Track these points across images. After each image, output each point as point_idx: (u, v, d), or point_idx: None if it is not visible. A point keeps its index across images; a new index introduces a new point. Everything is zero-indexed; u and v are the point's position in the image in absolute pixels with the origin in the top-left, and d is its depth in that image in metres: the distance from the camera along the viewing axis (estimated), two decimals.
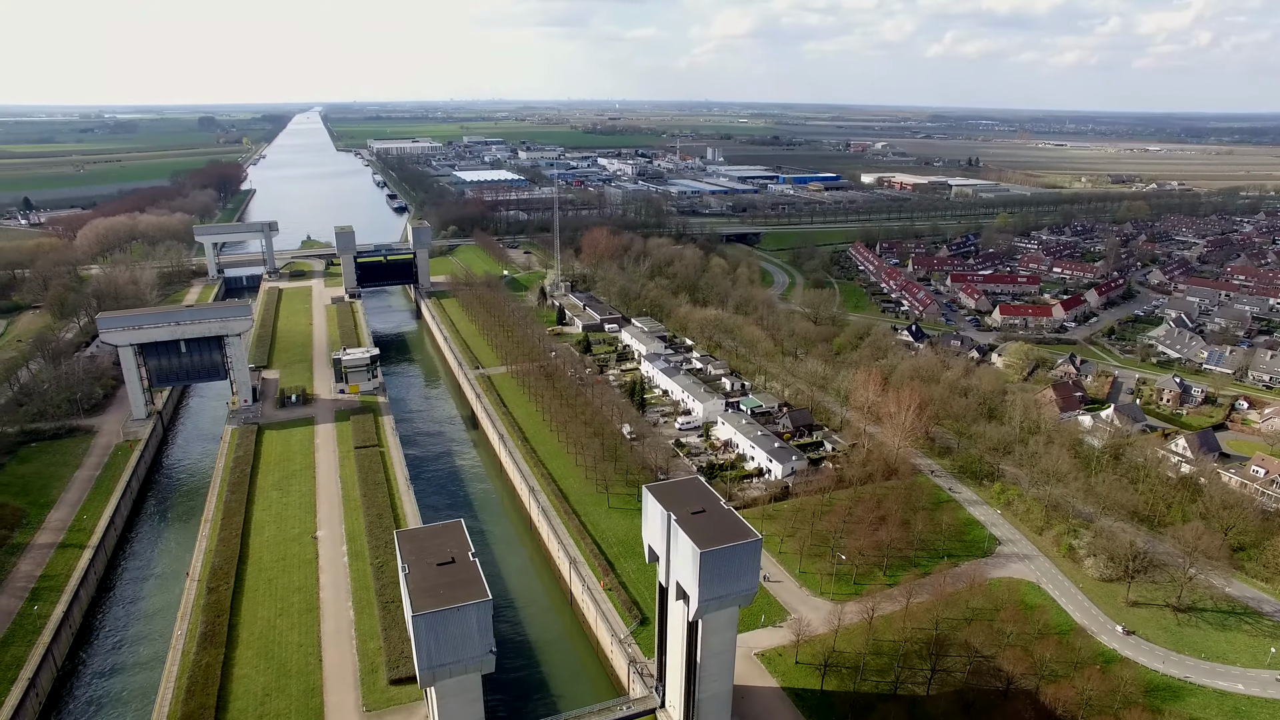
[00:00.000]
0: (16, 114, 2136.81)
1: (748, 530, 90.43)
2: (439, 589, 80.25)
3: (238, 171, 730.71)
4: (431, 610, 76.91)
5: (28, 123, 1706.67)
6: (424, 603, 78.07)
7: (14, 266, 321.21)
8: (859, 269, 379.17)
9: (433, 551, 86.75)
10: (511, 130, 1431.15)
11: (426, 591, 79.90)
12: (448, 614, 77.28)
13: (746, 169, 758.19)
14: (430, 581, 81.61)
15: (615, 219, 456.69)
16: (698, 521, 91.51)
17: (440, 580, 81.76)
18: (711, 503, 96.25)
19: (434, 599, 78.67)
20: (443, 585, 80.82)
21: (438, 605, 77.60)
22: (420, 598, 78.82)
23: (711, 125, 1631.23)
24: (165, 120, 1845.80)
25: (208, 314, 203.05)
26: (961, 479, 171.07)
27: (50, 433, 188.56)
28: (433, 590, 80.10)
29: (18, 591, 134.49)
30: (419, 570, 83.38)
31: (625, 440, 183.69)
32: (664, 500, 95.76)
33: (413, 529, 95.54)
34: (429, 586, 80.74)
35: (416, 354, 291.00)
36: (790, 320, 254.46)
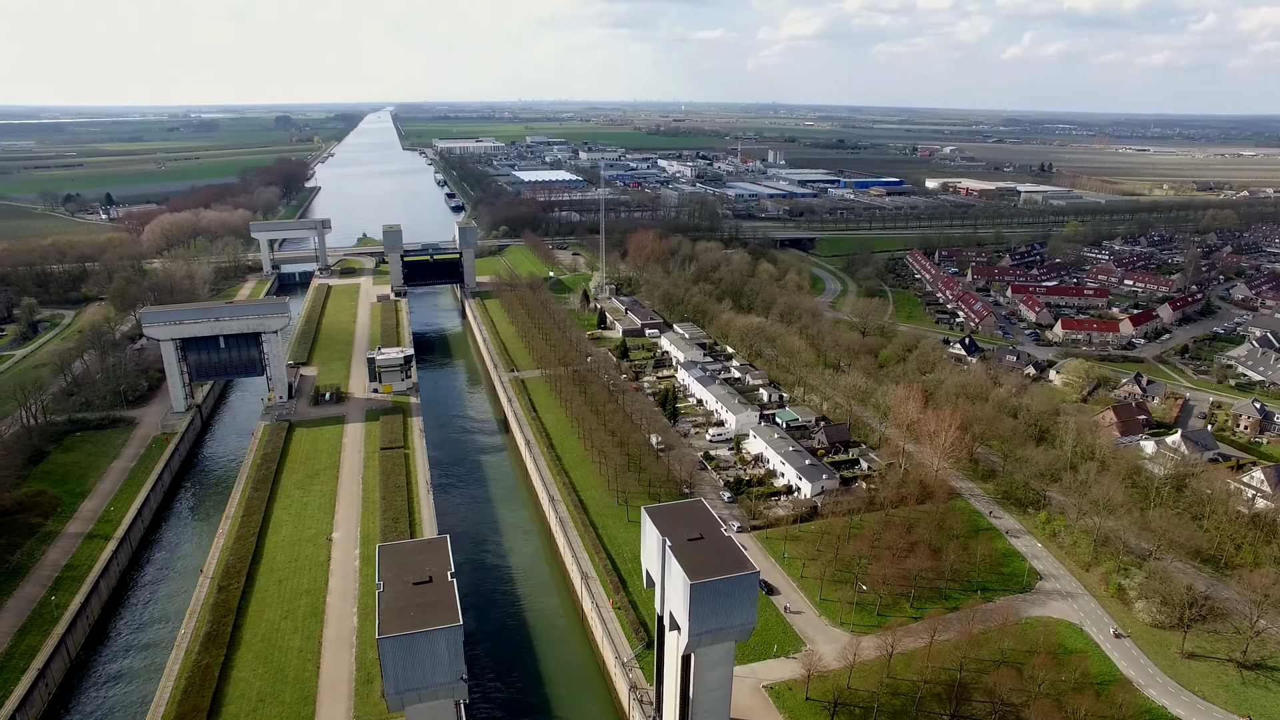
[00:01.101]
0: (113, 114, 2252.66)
1: (745, 561, 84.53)
2: (411, 610, 76.81)
3: (303, 169, 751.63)
4: (399, 633, 73.42)
5: (122, 122, 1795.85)
6: (393, 624, 74.72)
7: (85, 259, 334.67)
8: (915, 277, 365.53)
9: (413, 569, 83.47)
10: (575, 131, 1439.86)
11: (398, 612, 76.57)
12: (416, 638, 73.76)
13: (807, 173, 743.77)
14: (404, 601, 78.27)
15: (667, 221, 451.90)
16: (693, 549, 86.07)
17: (414, 600, 78.34)
18: (711, 529, 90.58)
19: (404, 620, 75.25)
20: (415, 606, 77.36)
21: (406, 628, 74.16)
22: (390, 618, 75.51)
23: (776, 128, 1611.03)
24: (245, 119, 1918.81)
25: (246, 311, 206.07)
26: (1004, 505, 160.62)
27: (95, 423, 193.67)
28: (404, 611, 76.71)
29: (43, 580, 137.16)
30: (394, 588, 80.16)
31: (653, 451, 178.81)
32: (661, 524, 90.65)
33: (396, 543, 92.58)
34: (401, 607, 77.40)
35: (458, 354, 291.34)
36: (835, 330, 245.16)
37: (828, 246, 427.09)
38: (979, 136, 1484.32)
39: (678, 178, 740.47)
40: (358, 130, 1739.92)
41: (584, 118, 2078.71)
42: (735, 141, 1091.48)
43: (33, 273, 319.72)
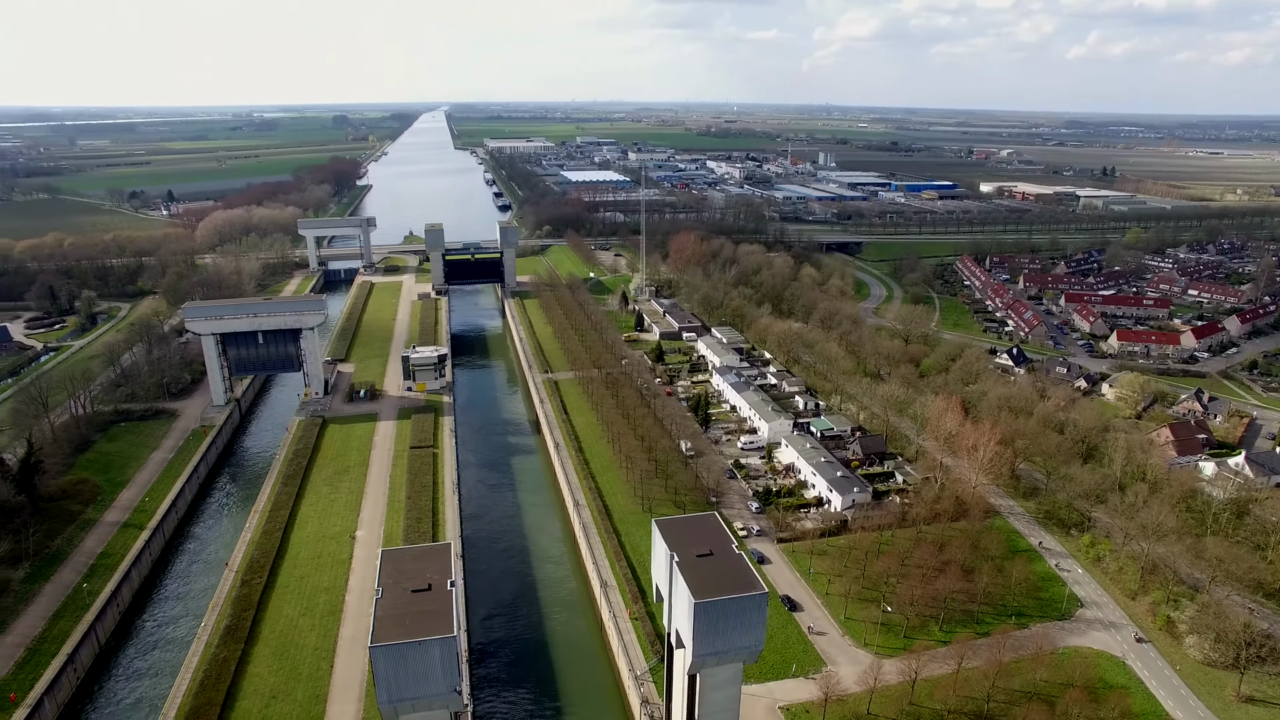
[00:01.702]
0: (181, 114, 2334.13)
1: (754, 581, 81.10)
2: (406, 618, 75.36)
3: (355, 168, 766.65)
4: (391, 642, 72.01)
5: (190, 122, 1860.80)
6: (386, 633, 73.35)
7: (143, 254, 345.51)
8: (964, 284, 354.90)
9: (413, 575, 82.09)
10: (626, 131, 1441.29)
11: (393, 620, 75.20)
12: (408, 647, 72.20)
13: (858, 175, 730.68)
14: (400, 609, 76.88)
15: (712, 223, 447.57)
16: (702, 565, 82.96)
17: (411, 609, 76.90)
18: (722, 544, 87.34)
19: (398, 629, 73.82)
20: (412, 615, 75.90)
21: (399, 637, 72.68)
22: (384, 627, 74.18)
23: (829, 129, 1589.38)
24: (304, 119, 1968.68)
25: (283, 307, 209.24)
26: (1046, 526, 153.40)
27: (139, 414, 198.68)
28: (400, 619, 75.29)
29: (79, 567, 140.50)
30: (392, 595, 78.87)
31: (682, 457, 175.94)
32: (671, 537, 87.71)
33: (399, 549, 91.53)
34: (397, 615, 76.02)
35: (498, 354, 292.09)
36: (875, 337, 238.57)
37: (875, 251, 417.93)
38: (1038, 139, 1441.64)
39: (726, 179, 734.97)
40: (412, 130, 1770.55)
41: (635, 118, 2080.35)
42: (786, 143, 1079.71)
43: (94, 266, 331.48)
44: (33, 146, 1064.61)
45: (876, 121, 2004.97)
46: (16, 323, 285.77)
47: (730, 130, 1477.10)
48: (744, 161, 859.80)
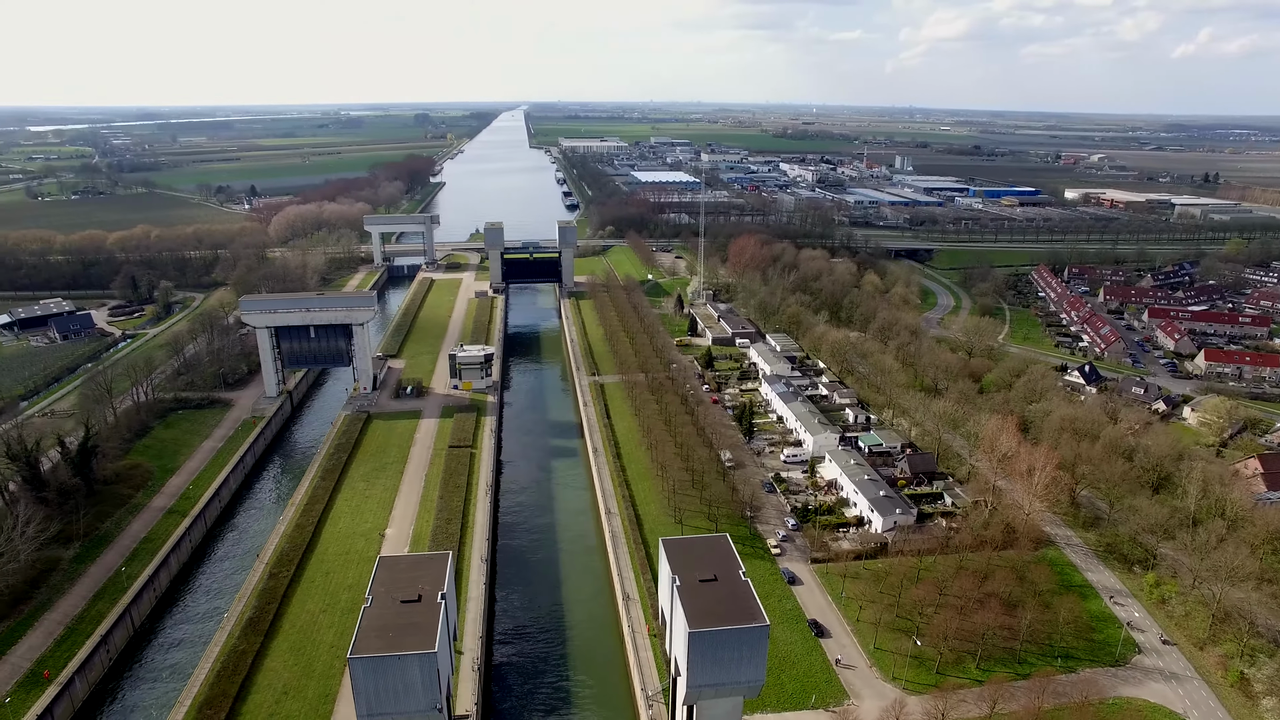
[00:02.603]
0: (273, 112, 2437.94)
1: (756, 612, 76.50)
2: (391, 630, 73.79)
3: (429, 165, 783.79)
4: (370, 655, 70.37)
5: (281, 119, 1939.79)
6: (367, 644, 71.84)
7: (218, 246, 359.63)
8: (1038, 295, 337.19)
9: (406, 585, 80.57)
10: (702, 132, 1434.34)
11: (377, 631, 73.75)
12: (387, 661, 70.60)
13: (935, 180, 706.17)
14: (386, 620, 75.38)
15: (777, 227, 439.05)
16: (703, 592, 78.88)
17: (397, 620, 75.30)
18: (729, 570, 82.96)
19: (380, 641, 72.28)
20: (396, 627, 74.28)
21: (380, 650, 71.02)
22: (366, 637, 72.76)
23: (909, 132, 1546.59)
24: (388, 117, 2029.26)
25: (335, 303, 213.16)
26: (1106, 560, 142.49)
27: (195, 402, 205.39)
28: (384, 631, 73.78)
29: (123, 550, 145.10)
30: (381, 605, 77.47)
31: (721, 468, 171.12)
32: (676, 559, 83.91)
33: (397, 555, 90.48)
34: (382, 625, 74.54)
35: (552, 354, 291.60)
36: (933, 349, 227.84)
37: (946, 259, 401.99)
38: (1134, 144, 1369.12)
39: (798, 182, 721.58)
40: (490, 128, 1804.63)
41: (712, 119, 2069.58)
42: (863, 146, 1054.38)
43: (173, 258, 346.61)
44: (139, 143, 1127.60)
45: (960, 125, 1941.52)
46: (101, 310, 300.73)
47: (807, 132, 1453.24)
48: (818, 164, 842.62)
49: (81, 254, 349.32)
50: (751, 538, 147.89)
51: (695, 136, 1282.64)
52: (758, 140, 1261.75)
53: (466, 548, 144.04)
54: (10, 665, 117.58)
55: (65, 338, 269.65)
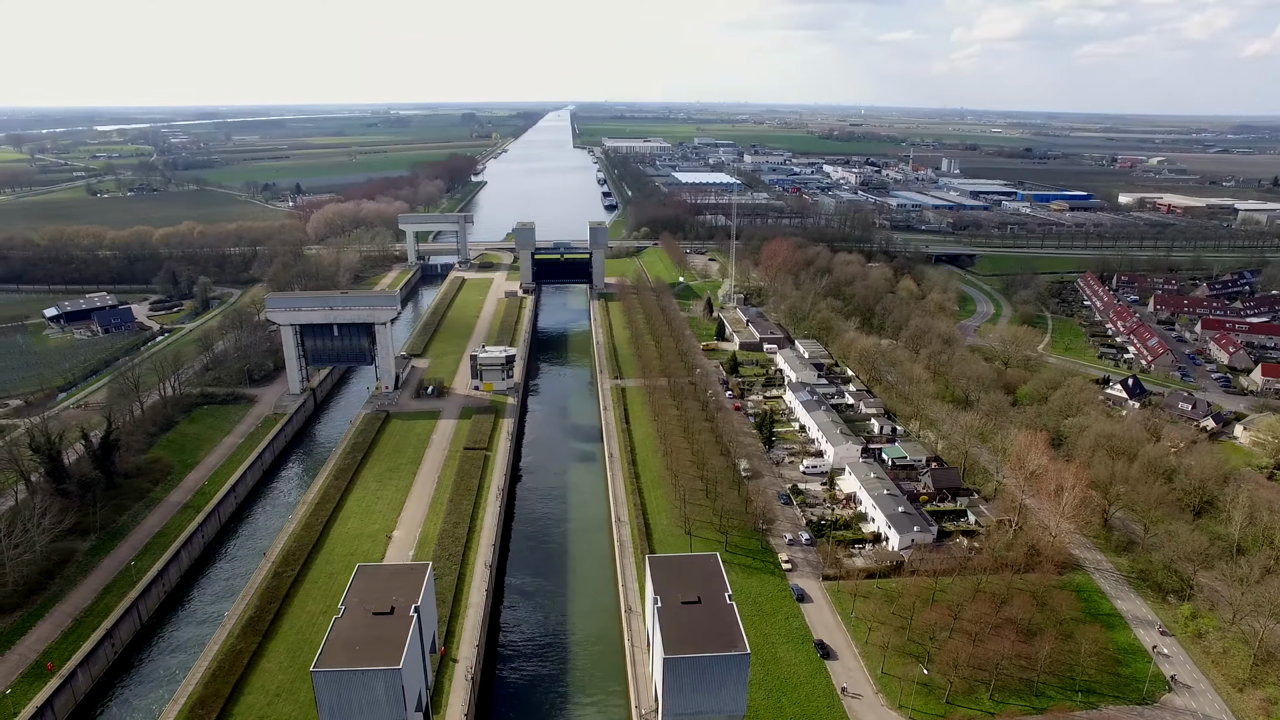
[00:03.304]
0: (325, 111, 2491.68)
1: (737, 639, 72.77)
2: (358, 643, 71.81)
3: (470, 164, 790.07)
4: (332, 669, 68.46)
5: (333, 118, 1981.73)
6: (332, 657, 69.98)
7: (257, 243, 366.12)
8: (1083, 304, 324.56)
9: (381, 596, 78.65)
10: (747, 134, 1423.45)
11: (344, 643, 71.91)
12: (351, 675, 68.68)
13: (982, 183, 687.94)
14: (356, 633, 73.49)
15: (814, 230, 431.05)
16: (684, 615, 75.43)
17: (367, 633, 73.34)
18: (714, 592, 79.33)
19: (346, 654, 70.31)
20: (364, 640, 72.28)
21: (344, 663, 69.07)
22: (332, 650, 70.92)
23: (958, 134, 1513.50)
24: (436, 116, 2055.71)
25: (357, 301, 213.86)
26: (1138, 588, 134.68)
27: (220, 398, 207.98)
28: (351, 643, 71.86)
29: (136, 544, 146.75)
30: (353, 616, 75.67)
31: (737, 478, 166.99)
32: (661, 578, 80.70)
33: (375, 565, 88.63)
34: (350, 638, 72.68)
35: (580, 356, 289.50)
36: (966, 359, 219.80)
37: (988, 264, 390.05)
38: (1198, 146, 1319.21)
39: (841, 184, 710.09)
40: (536, 128, 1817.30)
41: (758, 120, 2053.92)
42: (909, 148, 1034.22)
43: (214, 254, 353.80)
44: (195, 141, 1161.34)
45: (1012, 126, 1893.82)
46: (142, 305, 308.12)
47: (854, 134, 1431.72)
48: (862, 167, 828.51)
49: (128, 249, 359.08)
50: (763, 551, 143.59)
51: (740, 138, 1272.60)
52: (803, 142, 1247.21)
53: (471, 553, 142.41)
54: (18, 656, 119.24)
55: (107, 331, 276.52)
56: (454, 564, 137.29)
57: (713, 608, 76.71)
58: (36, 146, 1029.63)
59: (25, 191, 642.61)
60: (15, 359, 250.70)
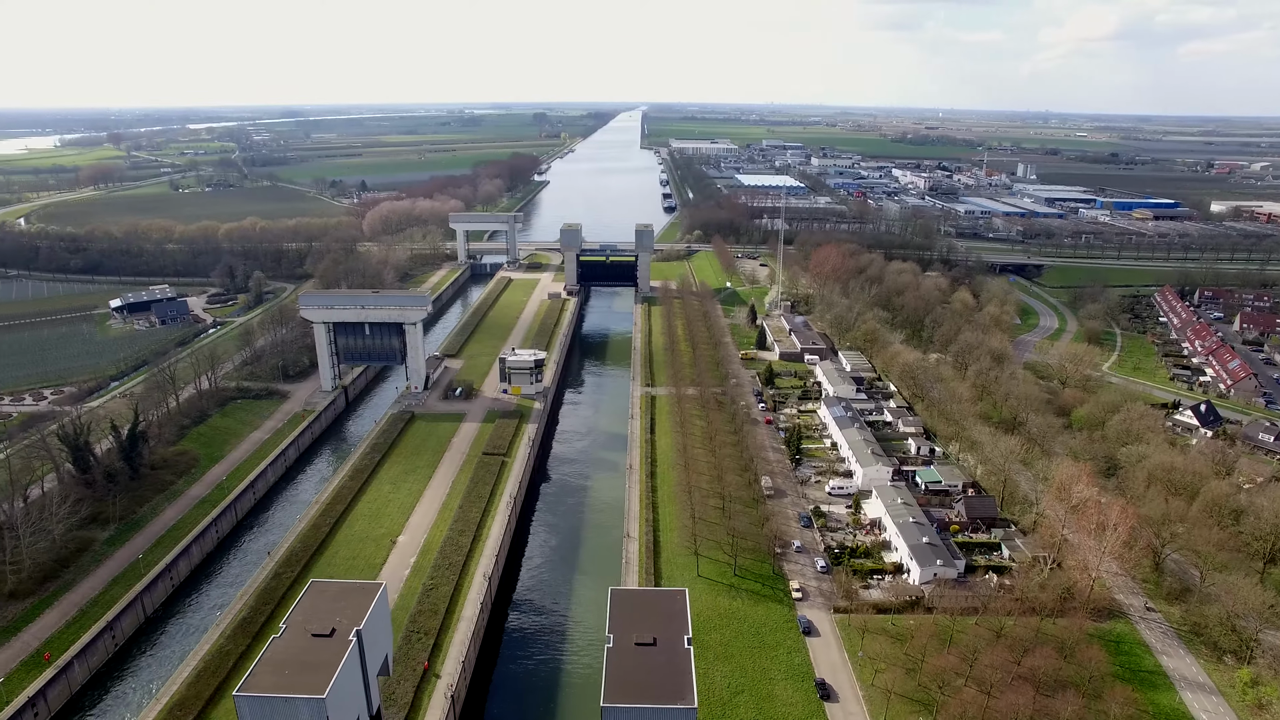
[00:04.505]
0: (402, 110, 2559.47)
1: (685, 690, 66.65)
2: (289, 667, 68.48)
3: (533, 164, 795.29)
4: (255, 694, 65.24)
5: (408, 117, 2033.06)
6: (259, 680, 66.83)
7: (312, 239, 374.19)
8: (1159, 321, 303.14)
9: (327, 615, 75.33)
10: (818, 136, 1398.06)
11: (275, 666, 68.69)
12: (274, 702, 65.31)
13: (1059, 190, 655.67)
14: (290, 655, 70.26)
15: (873, 236, 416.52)
16: (634, 658, 69.72)
17: (301, 656, 70.01)
18: (674, 634, 73.24)
19: (273, 679, 67.02)
20: (296, 664, 68.92)
21: (268, 689, 65.79)
22: (261, 673, 67.80)
23: (1039, 138, 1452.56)
24: (509, 116, 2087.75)
25: (388, 301, 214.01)
26: (1190, 644, 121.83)
27: (254, 392, 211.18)
28: (282, 666, 68.59)
29: (152, 536, 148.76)
30: (291, 636, 72.55)
31: (758, 495, 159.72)
32: (619, 615, 75.21)
33: (329, 581, 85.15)
34: (283, 660, 69.48)
35: (618, 360, 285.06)
36: (1016, 377, 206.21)
37: (1057, 276, 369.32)
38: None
39: (908, 189, 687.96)
40: (606, 128, 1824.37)
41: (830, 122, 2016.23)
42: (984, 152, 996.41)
43: (271, 249, 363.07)
44: (276, 139, 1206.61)
45: (1100, 130, 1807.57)
46: (200, 297, 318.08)
47: (928, 137, 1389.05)
48: (933, 171, 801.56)
49: (192, 243, 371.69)
50: (774, 577, 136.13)
51: (810, 140, 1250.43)
52: (874, 145, 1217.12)
53: (472, 564, 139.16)
54: (20, 644, 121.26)
55: (164, 323, 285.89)
56: (452, 574, 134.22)
57: (668, 652, 70.70)
58: (133, 144, 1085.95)
59: (116, 187, 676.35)
60: (79, 347, 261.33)
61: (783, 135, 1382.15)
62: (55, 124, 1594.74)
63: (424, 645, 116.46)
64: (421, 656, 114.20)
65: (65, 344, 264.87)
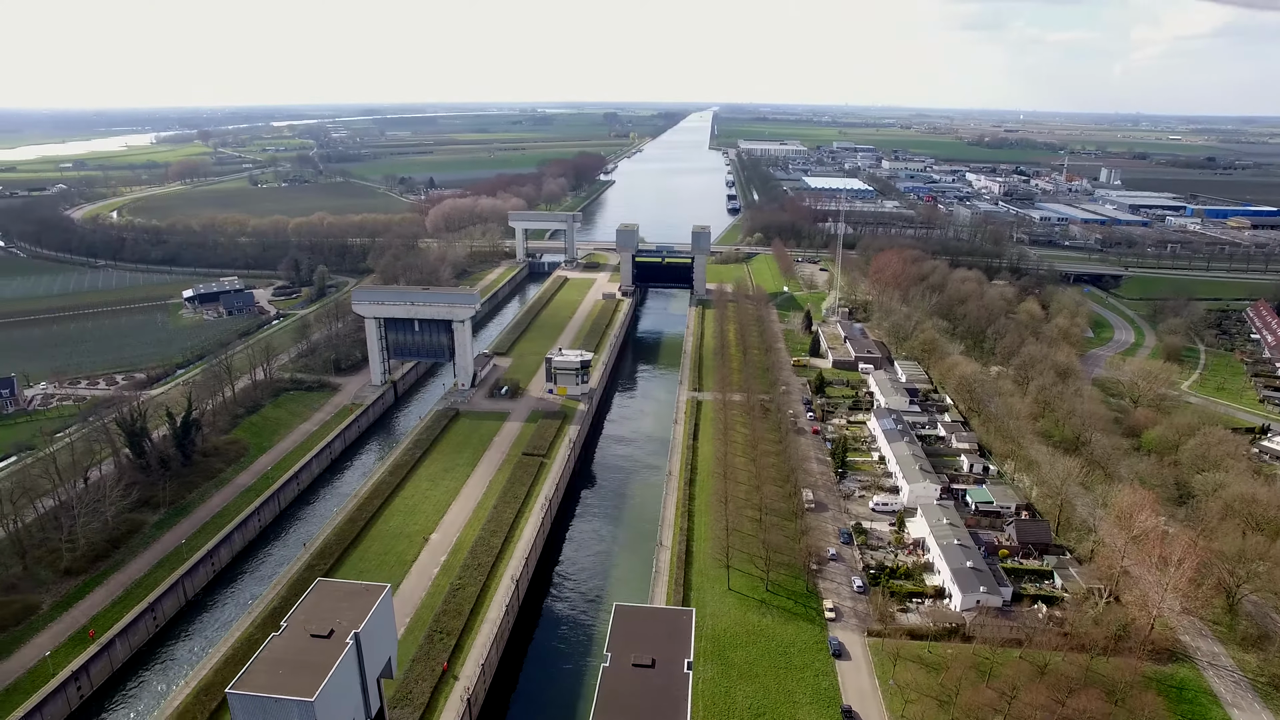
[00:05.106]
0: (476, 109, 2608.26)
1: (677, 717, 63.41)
2: (284, 666, 68.21)
3: (599, 163, 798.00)
4: (247, 693, 65.11)
5: (481, 116, 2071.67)
6: (254, 679, 66.76)
7: (376, 234, 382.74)
8: (1250, 337, 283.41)
9: (329, 615, 74.95)
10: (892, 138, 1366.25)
11: (271, 665, 68.50)
12: (265, 702, 65.01)
13: (1146, 196, 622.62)
14: (287, 654, 70.00)
15: (938, 242, 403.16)
16: (630, 680, 67.15)
17: (297, 656, 69.68)
18: (673, 656, 70.27)
19: (267, 678, 66.81)
20: (292, 664, 68.58)
21: (260, 688, 65.58)
22: (256, 671, 67.69)
23: (1128, 142, 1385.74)
24: (580, 115, 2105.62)
25: (437, 298, 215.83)
26: (1267, 698, 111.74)
27: (307, 384, 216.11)
28: (278, 665, 68.37)
29: (197, 522, 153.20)
30: (291, 635, 72.31)
31: (798, 509, 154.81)
32: (620, 633, 72.93)
33: (335, 581, 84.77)
34: (279, 659, 69.29)
35: (670, 363, 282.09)
36: (1081, 394, 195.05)
37: (1137, 287, 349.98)
38: None
39: (981, 194, 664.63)
40: (676, 128, 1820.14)
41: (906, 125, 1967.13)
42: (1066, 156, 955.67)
43: (336, 244, 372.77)
44: (353, 136, 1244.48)
45: (1196, 133, 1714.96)
46: (267, 289, 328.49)
47: (1007, 140, 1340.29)
48: (1009, 175, 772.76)
49: (263, 237, 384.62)
50: (807, 595, 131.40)
51: (883, 143, 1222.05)
52: (949, 148, 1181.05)
53: (501, 565, 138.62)
54: (70, 619, 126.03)
55: (230, 313, 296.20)
56: (480, 575, 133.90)
57: (666, 676, 67.74)
58: (220, 141, 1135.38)
59: (200, 182, 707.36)
60: (151, 335, 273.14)
61: (854, 137, 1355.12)
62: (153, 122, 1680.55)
63: (445, 646, 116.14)
64: (442, 657, 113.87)
65: (141, 331, 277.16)
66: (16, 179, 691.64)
